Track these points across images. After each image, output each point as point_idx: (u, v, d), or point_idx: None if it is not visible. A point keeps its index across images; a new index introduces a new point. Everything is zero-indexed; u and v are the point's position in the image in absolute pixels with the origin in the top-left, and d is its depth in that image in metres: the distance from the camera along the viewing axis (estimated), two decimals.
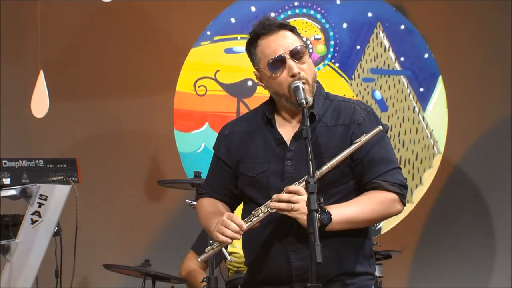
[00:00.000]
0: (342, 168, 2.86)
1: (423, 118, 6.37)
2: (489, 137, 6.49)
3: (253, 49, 2.94)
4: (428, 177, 6.35)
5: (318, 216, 2.73)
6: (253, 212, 2.83)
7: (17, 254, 3.92)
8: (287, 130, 2.94)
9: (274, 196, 2.79)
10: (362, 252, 2.94)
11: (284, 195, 2.77)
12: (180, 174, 5.94)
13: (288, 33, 2.91)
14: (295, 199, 2.74)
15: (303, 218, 2.69)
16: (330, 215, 2.77)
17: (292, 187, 2.76)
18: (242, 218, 2.96)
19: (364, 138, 2.82)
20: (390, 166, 2.90)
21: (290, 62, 2.86)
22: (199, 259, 2.93)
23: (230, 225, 2.79)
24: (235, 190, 3.04)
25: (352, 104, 2.96)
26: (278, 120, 2.97)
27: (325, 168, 2.79)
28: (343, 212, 2.81)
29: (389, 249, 5.29)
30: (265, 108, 3.00)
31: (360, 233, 2.91)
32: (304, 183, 2.73)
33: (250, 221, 2.81)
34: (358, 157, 2.87)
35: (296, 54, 2.87)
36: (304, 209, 2.67)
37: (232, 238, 2.80)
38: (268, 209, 2.79)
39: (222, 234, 2.80)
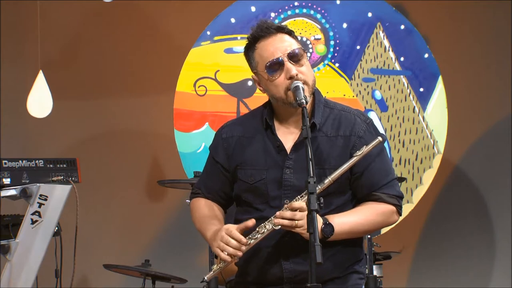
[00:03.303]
0: (341, 180, 2.86)
1: (423, 118, 6.37)
2: (489, 137, 6.49)
3: (251, 52, 2.93)
4: (428, 177, 6.35)
5: (322, 226, 2.77)
6: (257, 229, 2.83)
7: (17, 254, 3.91)
8: (286, 137, 2.93)
9: (278, 213, 2.78)
10: (354, 257, 2.97)
11: (287, 213, 2.77)
12: (180, 174, 5.95)
13: (286, 37, 2.90)
14: (299, 217, 2.74)
15: (307, 234, 2.68)
16: (333, 228, 2.80)
17: (295, 204, 2.77)
18: (237, 218, 2.99)
19: (365, 150, 2.83)
20: (389, 178, 2.93)
21: (288, 64, 2.85)
22: (205, 278, 2.90)
23: (229, 242, 2.79)
24: (230, 192, 3.04)
25: (353, 115, 2.95)
26: (277, 126, 2.96)
27: (326, 181, 2.80)
28: (344, 223, 2.84)
29: (389, 249, 5.29)
30: (265, 113, 2.98)
31: (353, 241, 2.93)
32: (306, 197, 2.72)
33: (255, 238, 2.82)
34: (358, 170, 2.89)
35: (294, 57, 2.86)
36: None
37: (234, 255, 2.79)
38: (272, 225, 2.80)
39: (223, 251, 2.80)
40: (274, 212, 2.85)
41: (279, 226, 2.78)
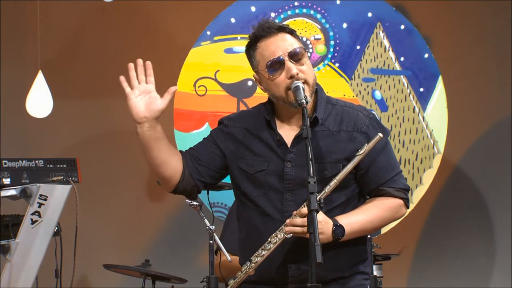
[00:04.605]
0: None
1: (423, 118, 6.37)
2: (489, 137, 6.49)
3: (252, 51, 2.94)
4: (428, 177, 6.35)
5: (333, 228, 2.79)
6: (269, 239, 2.84)
7: (17, 254, 3.91)
8: (287, 132, 2.94)
9: (288, 221, 2.79)
10: (358, 256, 2.97)
11: (297, 220, 2.77)
12: None
13: (287, 36, 2.91)
14: None
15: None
16: (344, 229, 2.81)
17: (304, 210, 2.76)
18: (238, 215, 3.01)
19: (366, 148, 2.85)
20: (395, 172, 2.95)
21: (289, 63, 2.86)
22: None
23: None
24: (214, 172, 3.01)
25: (355, 110, 2.97)
26: (277, 122, 2.96)
27: (332, 184, 2.82)
28: (354, 223, 2.86)
29: (388, 251, 5.29)
30: (264, 110, 2.99)
31: (356, 241, 2.93)
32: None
33: (268, 249, 2.83)
34: (364, 166, 2.90)
35: (294, 56, 2.87)
36: (319, 230, 2.68)
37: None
38: (284, 234, 2.81)
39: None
40: (274, 206, 2.87)
41: (291, 234, 2.79)
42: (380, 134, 2.86)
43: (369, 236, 4.64)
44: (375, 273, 4.87)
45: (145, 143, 2.95)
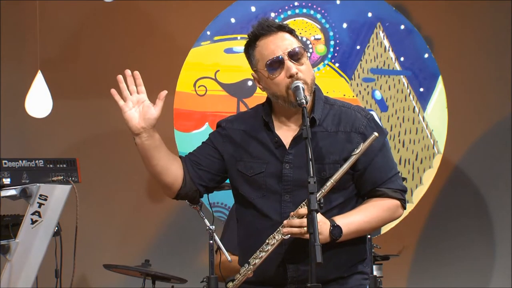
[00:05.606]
0: (343, 177, 2.87)
1: (423, 118, 6.36)
2: (489, 137, 6.49)
3: (252, 50, 2.93)
4: (428, 177, 6.35)
5: (330, 229, 2.78)
6: (267, 241, 2.84)
7: (17, 254, 3.91)
8: (285, 133, 2.93)
9: (286, 222, 2.79)
10: (357, 256, 2.97)
11: (295, 221, 2.77)
12: None
13: (287, 35, 2.91)
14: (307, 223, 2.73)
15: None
16: (341, 230, 2.81)
17: (301, 211, 2.77)
18: (237, 217, 3.01)
19: (362, 148, 2.85)
20: (392, 173, 2.95)
21: (288, 63, 2.85)
22: None
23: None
24: (215, 176, 3.01)
25: (353, 111, 2.96)
26: (276, 123, 2.96)
27: (329, 183, 2.82)
28: (351, 223, 2.85)
29: (388, 251, 5.30)
30: (262, 111, 2.99)
31: (356, 240, 2.93)
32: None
33: (266, 251, 2.83)
34: (361, 166, 2.90)
35: (294, 56, 2.87)
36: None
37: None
38: (281, 235, 2.80)
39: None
40: (273, 208, 2.87)
41: (288, 236, 2.79)
42: (376, 133, 2.86)
43: (369, 236, 4.67)
44: (375, 273, 4.87)
45: (144, 153, 2.97)
